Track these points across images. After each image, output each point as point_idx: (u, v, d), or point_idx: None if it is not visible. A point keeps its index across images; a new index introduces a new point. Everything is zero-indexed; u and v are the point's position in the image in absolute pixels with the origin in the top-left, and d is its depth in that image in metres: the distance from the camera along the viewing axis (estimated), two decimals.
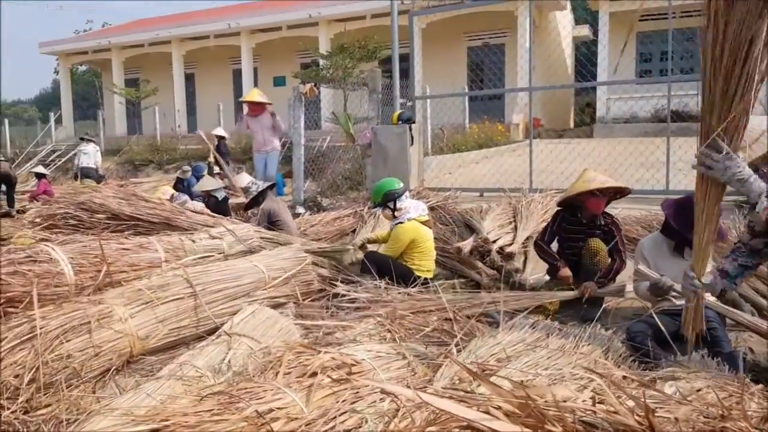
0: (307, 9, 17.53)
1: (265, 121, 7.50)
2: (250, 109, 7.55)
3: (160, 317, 2.98)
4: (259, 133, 7.54)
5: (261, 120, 7.48)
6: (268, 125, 7.51)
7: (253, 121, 7.53)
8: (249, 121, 7.58)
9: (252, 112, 7.52)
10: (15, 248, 3.13)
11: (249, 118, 7.58)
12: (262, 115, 7.45)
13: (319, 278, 3.91)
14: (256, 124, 7.51)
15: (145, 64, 22.24)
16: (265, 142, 7.58)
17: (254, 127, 7.55)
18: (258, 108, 7.46)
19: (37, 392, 2.52)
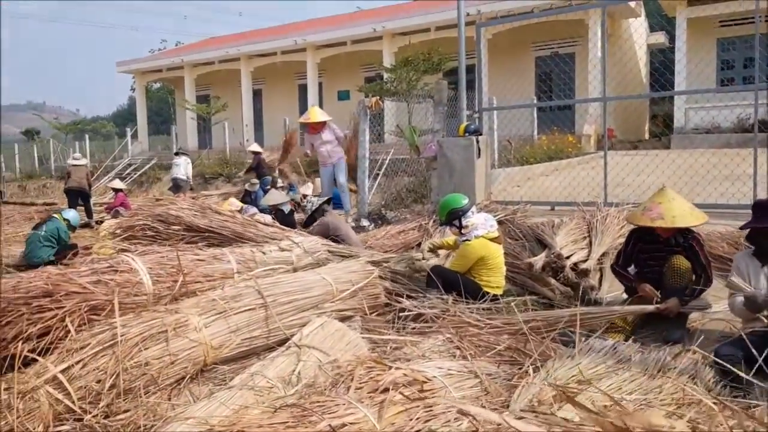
0: (372, 23, 17.81)
1: (326, 135, 7.74)
2: (311, 128, 7.80)
3: (232, 327, 3.06)
4: (323, 148, 7.75)
5: (322, 135, 7.73)
6: (329, 138, 7.75)
7: (315, 137, 7.78)
8: (312, 139, 7.83)
9: (312, 130, 7.78)
10: (98, 258, 3.30)
11: (311, 136, 7.84)
12: (322, 131, 7.73)
13: (385, 292, 3.91)
14: (318, 140, 7.75)
15: (215, 80, 23.22)
16: (329, 155, 7.78)
17: (318, 144, 7.77)
18: (318, 126, 7.73)
19: (117, 398, 2.63)
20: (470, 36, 7.68)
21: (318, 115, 7.87)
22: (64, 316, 2.72)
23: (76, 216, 7.65)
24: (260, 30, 26.21)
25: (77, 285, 2.86)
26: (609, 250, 4.66)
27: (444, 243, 4.47)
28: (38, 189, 18.42)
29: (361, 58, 17.96)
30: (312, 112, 8.00)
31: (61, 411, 2.54)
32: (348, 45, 18.78)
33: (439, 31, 16.54)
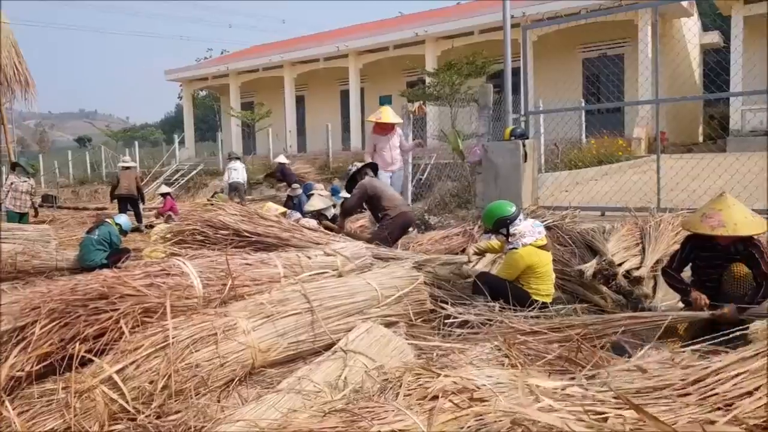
0: (414, 28, 17.85)
1: (395, 140, 7.44)
2: (379, 128, 7.42)
3: (279, 331, 3.10)
4: (387, 152, 7.39)
5: (390, 139, 7.41)
6: (396, 144, 7.45)
7: (382, 139, 7.40)
8: (377, 140, 7.44)
9: (382, 131, 7.41)
10: (151, 261, 3.40)
11: (377, 136, 7.45)
12: (391, 133, 7.41)
13: (430, 298, 3.89)
14: (385, 142, 7.39)
15: (259, 87, 23.70)
16: (392, 161, 7.45)
17: (382, 145, 7.39)
18: (388, 127, 7.39)
19: (169, 398, 2.70)
20: (515, 38, 7.60)
21: (390, 115, 7.47)
22: (119, 318, 2.81)
23: (127, 221, 7.91)
24: (303, 37, 26.63)
25: (131, 288, 2.95)
26: (663, 257, 4.52)
27: (489, 246, 4.43)
28: (90, 194, 19.15)
29: (403, 62, 18.00)
30: (384, 111, 7.57)
31: (116, 410, 2.62)
32: (390, 50, 18.87)
33: (483, 34, 16.44)
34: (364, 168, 6.05)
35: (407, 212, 5.93)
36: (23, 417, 2.46)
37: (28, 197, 9.69)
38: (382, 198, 5.75)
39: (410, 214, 6.03)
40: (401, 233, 5.81)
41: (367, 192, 5.76)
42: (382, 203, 5.76)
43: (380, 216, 5.79)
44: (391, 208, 5.72)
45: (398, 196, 5.95)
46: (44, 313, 2.70)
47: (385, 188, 5.89)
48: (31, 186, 9.90)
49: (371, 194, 5.76)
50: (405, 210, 5.89)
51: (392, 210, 5.72)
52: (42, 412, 2.51)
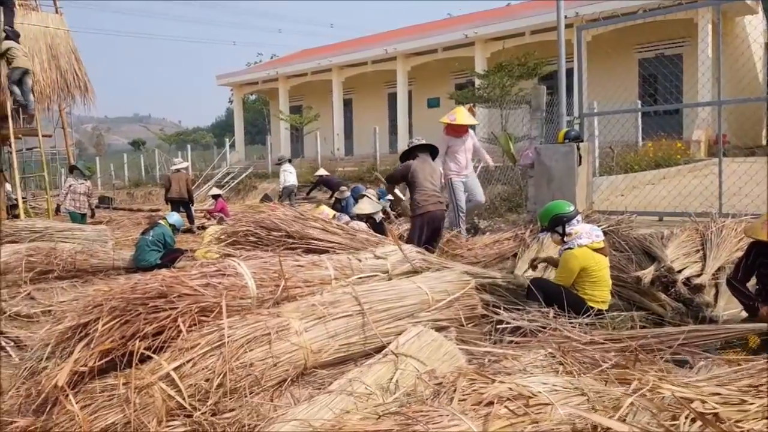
0: (463, 29, 17.76)
1: (468, 143, 6.98)
2: (453, 130, 6.94)
3: (331, 332, 3.13)
4: (462, 155, 6.89)
5: (465, 141, 6.93)
6: (470, 147, 7.01)
7: (456, 142, 6.89)
8: (450, 142, 6.92)
9: (455, 133, 6.92)
10: (207, 262, 3.50)
11: (450, 138, 6.93)
12: (465, 135, 6.95)
13: (481, 303, 3.86)
14: (459, 145, 6.88)
15: (307, 91, 24.06)
16: (466, 165, 6.98)
17: (456, 148, 6.87)
18: (463, 129, 6.93)
19: (224, 396, 2.77)
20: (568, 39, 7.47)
21: (465, 116, 7.00)
22: (177, 317, 2.90)
23: (179, 219, 8.18)
24: (351, 40, 26.90)
25: (189, 287, 3.05)
26: (725, 264, 4.35)
27: (548, 257, 4.38)
28: (144, 196, 19.87)
29: (451, 64, 17.96)
30: (459, 112, 7.10)
31: (173, 407, 2.70)
32: (439, 52, 18.84)
33: (534, 35, 16.21)
34: (421, 148, 5.93)
35: (433, 211, 5.70)
36: (86, 411, 2.57)
37: (85, 198, 10.12)
38: (416, 188, 5.68)
39: (436, 213, 5.75)
40: (431, 234, 5.71)
41: (409, 173, 5.74)
42: (414, 194, 5.73)
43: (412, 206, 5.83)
44: (420, 202, 5.66)
45: (432, 191, 5.71)
46: (106, 311, 2.81)
47: (423, 180, 5.70)
48: (87, 188, 10.33)
49: (410, 179, 5.74)
50: (431, 209, 5.68)
51: (420, 204, 5.66)
52: (103, 406, 2.62)
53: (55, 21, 11.59)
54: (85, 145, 50.31)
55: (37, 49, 11.03)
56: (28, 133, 11.14)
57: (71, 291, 6.16)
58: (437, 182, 5.82)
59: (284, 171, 13.62)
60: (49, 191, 11.90)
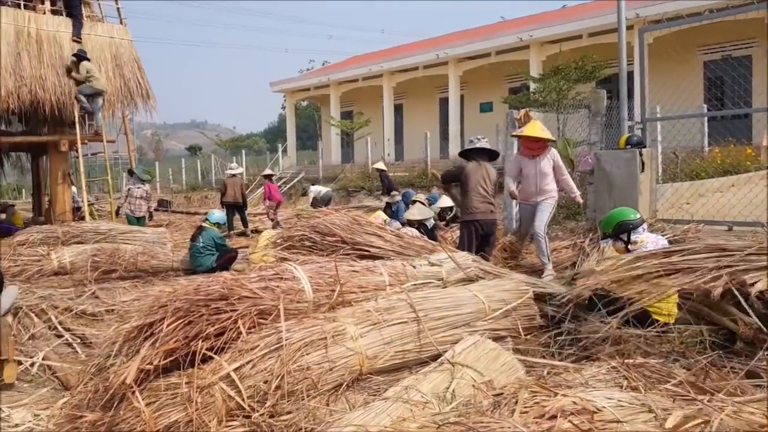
0: (518, 33, 17.56)
1: (545, 164, 5.80)
2: (525, 147, 5.91)
3: (386, 339, 3.15)
4: (533, 179, 5.81)
5: (539, 162, 5.79)
6: (546, 170, 5.80)
7: (527, 162, 5.84)
8: (522, 162, 5.90)
9: (530, 150, 5.85)
10: (265, 266, 3.58)
11: (521, 158, 5.92)
12: (540, 154, 5.82)
13: (540, 313, 3.80)
14: (532, 166, 5.80)
15: (358, 97, 24.29)
16: (538, 190, 5.80)
17: (528, 170, 5.82)
18: (536, 146, 5.82)
19: (282, 399, 2.82)
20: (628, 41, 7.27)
21: (539, 129, 5.89)
22: (237, 319, 2.97)
23: (221, 216, 8.41)
24: (402, 46, 27.01)
25: (248, 290, 3.12)
26: None
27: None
28: (200, 200, 20.48)
29: (505, 68, 17.77)
30: (533, 124, 6.01)
31: (233, 407, 2.77)
32: (492, 56, 18.68)
33: (592, 37, 15.87)
34: (480, 151, 5.79)
35: (482, 219, 5.61)
36: (151, 408, 2.67)
37: (143, 202, 10.52)
38: (467, 192, 5.63)
39: (486, 220, 5.63)
40: (482, 241, 5.63)
41: (462, 175, 5.69)
42: (464, 198, 5.69)
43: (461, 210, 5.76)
44: (470, 207, 5.60)
45: (483, 198, 5.61)
46: (171, 312, 2.91)
47: (475, 185, 5.60)
48: (145, 191, 10.74)
49: (462, 181, 5.68)
50: (480, 216, 5.59)
51: (469, 210, 5.60)
52: (167, 404, 2.71)
53: (119, 32, 12.12)
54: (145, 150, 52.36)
55: (103, 59, 11.54)
56: (93, 139, 11.67)
57: (133, 291, 6.41)
58: (491, 188, 5.72)
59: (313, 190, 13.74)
60: (112, 194, 12.44)
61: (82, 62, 10.62)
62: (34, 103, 10.55)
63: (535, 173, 5.79)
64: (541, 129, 5.90)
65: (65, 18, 11.40)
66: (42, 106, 10.64)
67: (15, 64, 10.52)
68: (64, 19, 11.39)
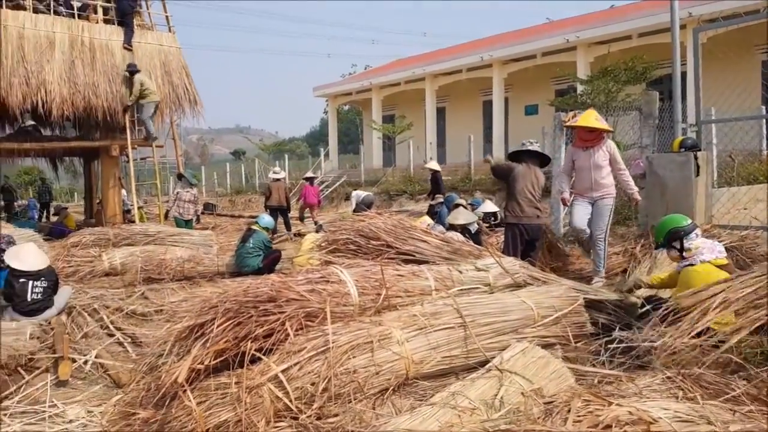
0: (564, 34, 17.29)
1: (601, 156, 5.55)
2: (579, 138, 5.68)
3: (432, 344, 3.15)
4: (587, 173, 5.59)
5: (594, 154, 5.56)
6: (602, 162, 5.55)
7: (583, 155, 5.61)
8: (575, 155, 5.70)
9: (583, 142, 5.62)
10: (311, 268, 3.63)
11: (576, 150, 5.71)
12: (595, 145, 5.58)
13: (590, 320, 3.73)
14: (586, 159, 5.58)
15: (400, 100, 24.35)
16: (593, 186, 5.57)
17: (582, 162, 5.62)
18: (592, 137, 5.57)
19: (328, 401, 2.85)
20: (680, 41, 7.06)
21: (593, 118, 5.59)
22: (285, 321, 3.02)
23: (270, 220, 8.58)
24: (445, 49, 26.96)
25: (295, 293, 3.17)
26: None
27: (653, 280, 4.16)
28: (245, 203, 20.89)
29: (551, 70, 17.50)
30: (588, 114, 5.71)
31: (280, 408, 2.82)
32: (538, 58, 18.45)
33: (642, 37, 15.50)
34: (531, 154, 5.69)
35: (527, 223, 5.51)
36: (201, 407, 2.74)
37: (191, 206, 10.79)
38: (514, 194, 5.55)
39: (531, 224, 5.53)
40: (528, 246, 5.54)
41: (510, 175, 5.62)
42: (510, 200, 5.62)
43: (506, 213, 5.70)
44: (515, 210, 5.53)
45: (530, 201, 5.49)
46: (221, 313, 2.98)
47: (523, 188, 5.52)
48: (193, 195, 11.03)
49: (510, 182, 5.62)
50: (526, 220, 5.50)
51: (514, 213, 5.53)
52: (217, 403, 2.78)
53: (168, 39, 12.51)
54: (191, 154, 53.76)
55: (152, 66, 11.94)
56: (142, 144, 12.06)
57: (180, 292, 6.58)
58: (538, 193, 5.64)
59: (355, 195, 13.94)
60: (161, 198, 12.82)
61: (134, 76, 10.99)
62: (87, 109, 11.00)
63: (590, 166, 5.54)
64: (595, 119, 5.63)
65: (117, 27, 11.84)
66: (95, 112, 11.07)
67: (69, 72, 10.98)
68: (115, 27, 11.84)
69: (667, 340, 3.38)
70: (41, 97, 10.48)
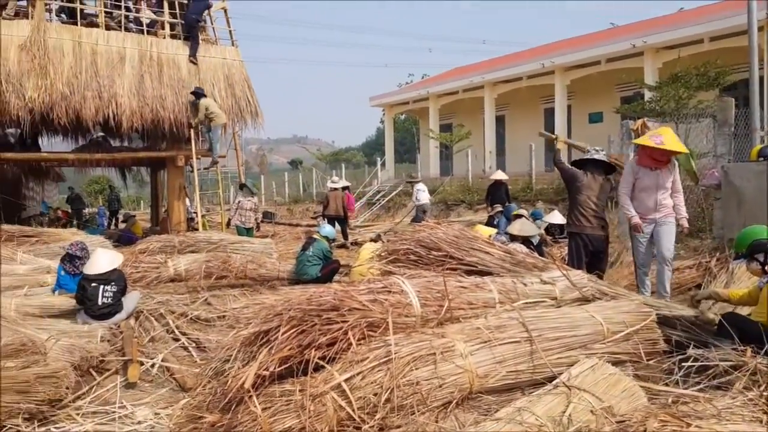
0: (630, 39, 16.83)
1: (666, 178, 5.29)
2: (649, 156, 5.27)
3: (497, 358, 3.10)
4: (651, 192, 5.29)
5: (661, 175, 5.27)
6: (667, 183, 5.29)
7: (649, 175, 5.29)
8: (641, 174, 5.32)
9: (651, 162, 5.26)
10: (373, 278, 3.65)
11: (642, 169, 5.32)
12: (664, 167, 5.28)
13: (663, 337, 3.59)
14: (653, 179, 5.28)
15: (458, 109, 24.26)
16: (656, 206, 5.28)
17: (647, 183, 5.29)
18: (666, 158, 5.25)
19: (391, 412, 2.85)
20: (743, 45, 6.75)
21: (676, 140, 5.28)
22: (348, 330, 3.05)
23: (331, 230, 8.73)
24: (505, 56, 26.71)
25: (358, 302, 3.20)
26: None
27: (731, 295, 3.97)
28: (302, 212, 21.27)
29: (617, 76, 17.04)
30: (666, 134, 5.28)
31: (343, 417, 2.84)
32: (602, 64, 18.01)
33: (714, 41, 14.89)
34: (596, 164, 5.61)
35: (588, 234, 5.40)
36: (266, 413, 2.79)
37: (251, 214, 11.08)
38: (577, 204, 5.47)
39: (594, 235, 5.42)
40: (592, 258, 5.43)
41: (574, 181, 5.55)
42: (573, 209, 5.53)
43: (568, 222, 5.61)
44: (577, 220, 5.44)
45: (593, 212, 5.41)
46: (285, 320, 3.04)
47: (587, 199, 5.45)
48: (254, 204, 11.32)
49: (573, 190, 5.54)
50: (589, 231, 5.40)
51: (576, 223, 5.45)
52: (281, 410, 2.83)
53: (231, 53, 12.95)
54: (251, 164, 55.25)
55: (216, 79, 12.39)
56: (206, 154, 12.50)
57: (242, 299, 6.75)
58: (603, 204, 5.53)
59: (417, 190, 14.11)
60: (222, 206, 13.23)
61: (200, 100, 11.40)
62: (154, 121, 11.51)
63: (655, 186, 5.28)
64: (678, 141, 5.33)
65: (183, 42, 12.35)
66: (161, 123, 11.58)
67: (138, 85, 11.54)
68: (181, 42, 12.36)
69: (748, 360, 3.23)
70: (112, 110, 11.04)
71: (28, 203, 14.80)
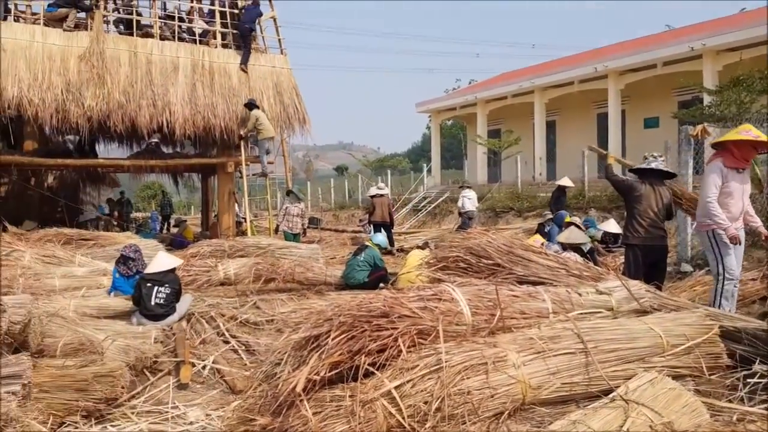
0: (689, 41, 16.32)
1: (747, 181, 4.94)
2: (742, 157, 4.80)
3: (551, 369, 3.05)
4: (739, 197, 4.81)
5: (746, 176, 4.89)
6: (748, 188, 4.92)
7: (738, 177, 4.81)
8: (729, 176, 4.78)
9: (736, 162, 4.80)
10: (423, 286, 3.65)
11: (728, 171, 4.79)
12: (747, 168, 4.89)
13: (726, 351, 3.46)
14: (739, 182, 4.82)
15: (506, 114, 24.00)
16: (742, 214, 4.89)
17: (734, 186, 4.79)
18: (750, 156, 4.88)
19: (441, 421, 2.84)
20: None
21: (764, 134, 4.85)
22: (397, 337, 3.06)
23: (384, 239, 8.79)
24: (555, 60, 26.30)
25: (408, 309, 3.20)
26: None
27: None
28: (348, 218, 21.42)
29: (674, 80, 16.53)
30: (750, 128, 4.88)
31: (393, 425, 2.85)
32: (658, 67, 17.51)
33: None
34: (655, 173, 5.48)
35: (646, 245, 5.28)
36: (317, 417, 2.83)
37: (298, 220, 11.23)
38: (635, 213, 5.35)
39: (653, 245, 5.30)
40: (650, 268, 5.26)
41: (632, 191, 5.45)
42: (631, 219, 5.40)
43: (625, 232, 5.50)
44: (635, 230, 5.31)
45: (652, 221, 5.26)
46: (335, 326, 3.07)
47: (647, 208, 5.32)
48: (301, 210, 11.48)
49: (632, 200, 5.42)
50: (647, 241, 5.28)
51: (633, 233, 5.32)
52: (332, 415, 2.86)
53: (280, 61, 13.21)
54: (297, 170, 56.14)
55: (265, 87, 12.66)
56: (254, 161, 12.77)
57: (290, 303, 6.84)
58: (663, 213, 5.38)
59: (464, 197, 13.96)
60: (270, 212, 13.47)
61: (252, 111, 11.70)
62: (206, 128, 11.85)
63: (742, 191, 4.77)
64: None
65: (233, 51, 12.68)
66: (213, 130, 11.90)
67: (191, 93, 11.91)
68: (232, 51, 12.69)
69: None
70: (166, 118, 11.43)
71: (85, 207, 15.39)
